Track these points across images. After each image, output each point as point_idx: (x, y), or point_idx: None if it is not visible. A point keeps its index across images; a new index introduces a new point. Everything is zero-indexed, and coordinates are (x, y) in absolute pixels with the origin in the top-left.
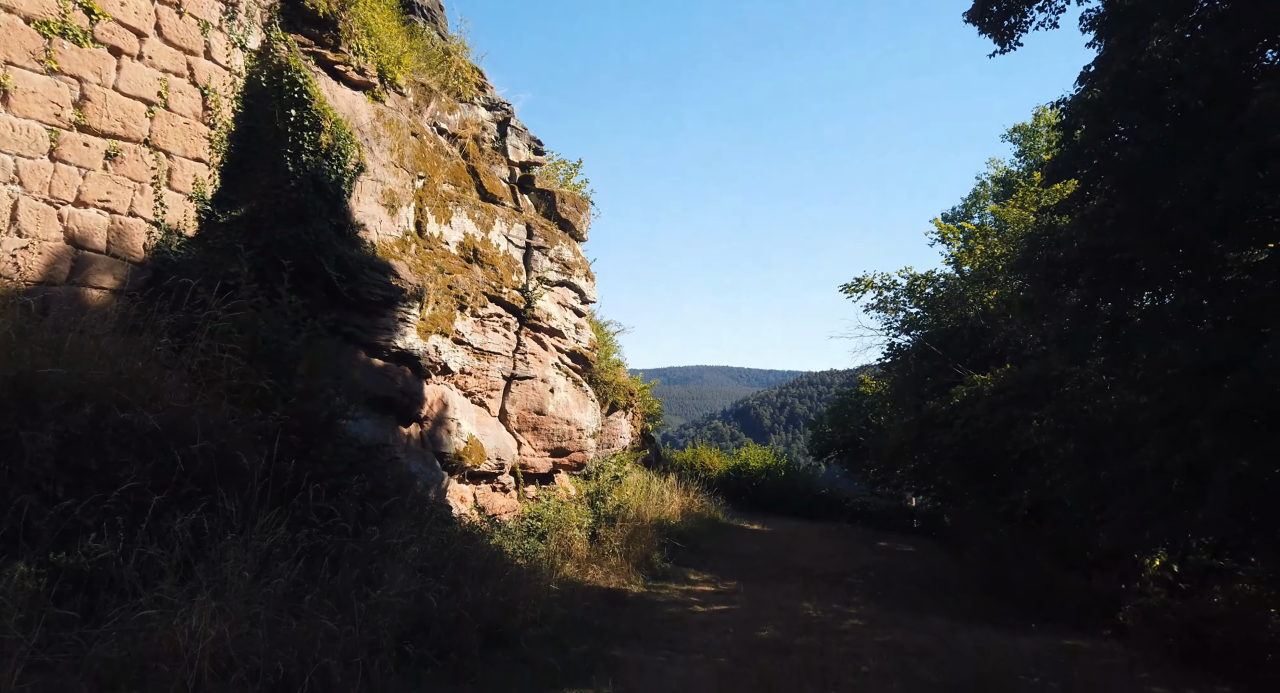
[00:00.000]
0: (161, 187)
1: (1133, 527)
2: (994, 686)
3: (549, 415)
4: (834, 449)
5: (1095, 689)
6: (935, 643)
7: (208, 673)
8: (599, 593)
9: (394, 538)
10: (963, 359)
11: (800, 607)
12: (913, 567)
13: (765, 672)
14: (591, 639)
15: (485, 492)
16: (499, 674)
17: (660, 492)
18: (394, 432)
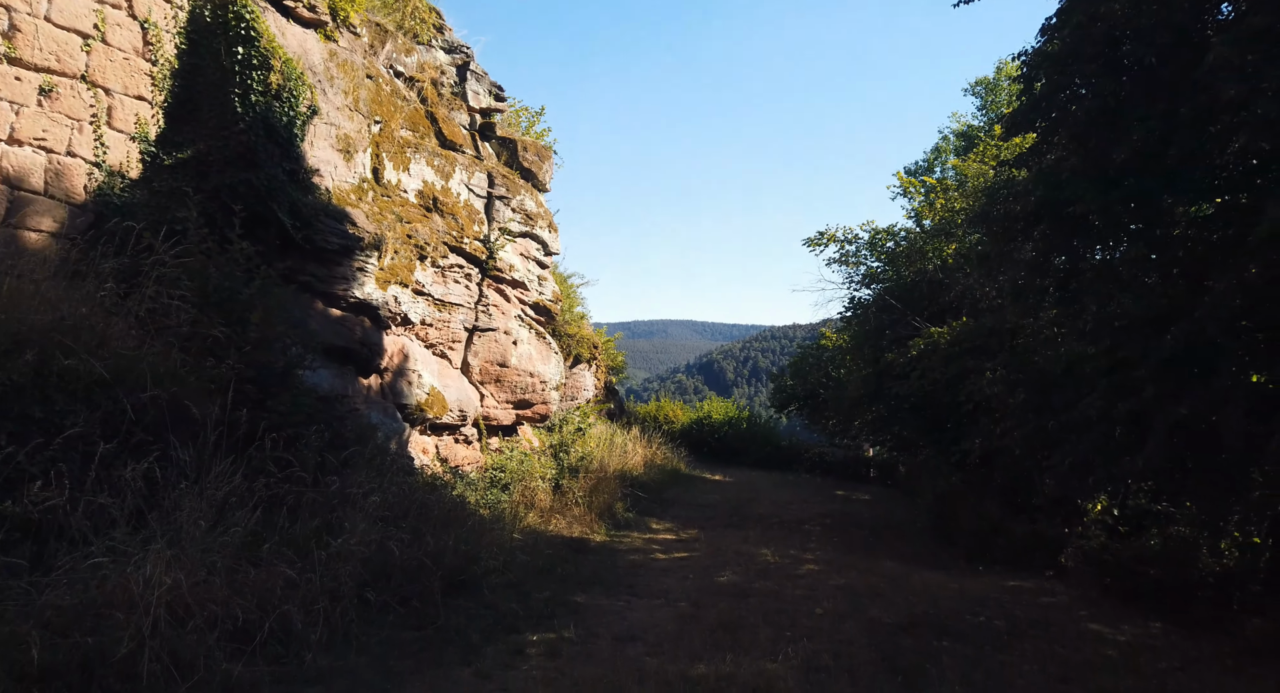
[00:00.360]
0: (101, 125)
1: (1076, 473)
2: (941, 624)
3: (512, 368)
4: (795, 401)
5: (1037, 626)
6: (886, 585)
7: (164, 620)
8: (562, 542)
9: (354, 488)
10: (921, 312)
11: (758, 553)
12: (867, 514)
13: (724, 614)
14: (554, 586)
15: (448, 443)
16: (461, 620)
17: (624, 444)
18: (353, 383)
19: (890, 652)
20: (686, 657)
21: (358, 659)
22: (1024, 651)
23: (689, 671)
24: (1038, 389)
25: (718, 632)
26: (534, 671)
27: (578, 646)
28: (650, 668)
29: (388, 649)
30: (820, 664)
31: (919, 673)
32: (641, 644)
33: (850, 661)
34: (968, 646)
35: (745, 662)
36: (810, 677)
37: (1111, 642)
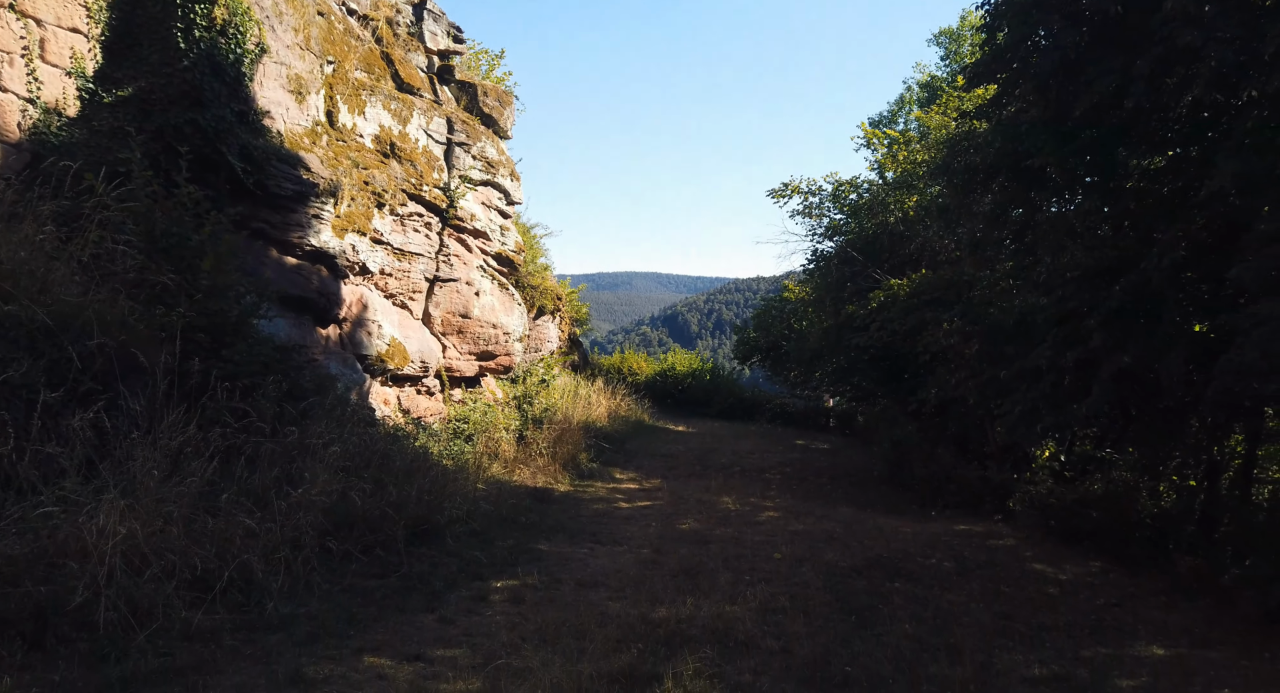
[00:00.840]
0: (34, 59)
1: (1026, 420)
2: (893, 566)
3: (474, 319)
4: (757, 353)
5: (984, 567)
6: (842, 530)
7: (120, 570)
8: (526, 492)
9: (314, 438)
10: (882, 264)
11: (720, 501)
12: (826, 462)
13: (685, 560)
14: (517, 534)
15: (410, 395)
16: (425, 567)
17: (588, 395)
18: (311, 333)
19: (844, 593)
20: (648, 601)
21: (320, 606)
22: (971, 590)
23: (650, 613)
24: (991, 340)
25: (679, 577)
26: (497, 616)
27: (541, 591)
28: (612, 612)
29: (350, 597)
30: (777, 606)
31: (871, 612)
32: (604, 589)
33: (806, 602)
34: (918, 586)
35: (705, 605)
36: (767, 618)
37: (1053, 580)
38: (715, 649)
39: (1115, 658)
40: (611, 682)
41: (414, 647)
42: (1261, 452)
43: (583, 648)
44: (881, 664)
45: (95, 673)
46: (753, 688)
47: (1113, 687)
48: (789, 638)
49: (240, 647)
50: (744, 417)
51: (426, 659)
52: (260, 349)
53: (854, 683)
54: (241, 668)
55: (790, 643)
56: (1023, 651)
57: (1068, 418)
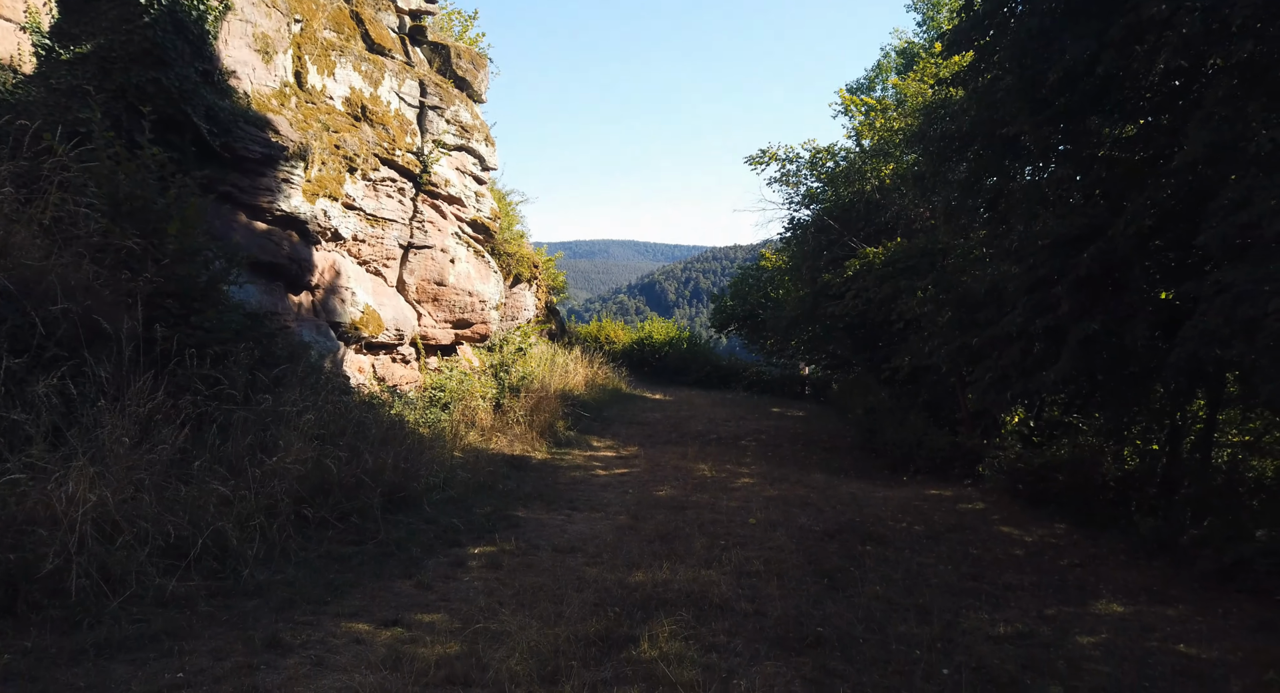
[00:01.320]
0: None
1: (996, 386)
2: (865, 530)
3: (450, 287)
4: (734, 322)
5: (953, 530)
6: (816, 496)
7: (91, 537)
8: (503, 459)
9: (287, 406)
10: (858, 233)
11: (696, 468)
12: (800, 429)
13: (661, 526)
14: (495, 501)
15: (385, 363)
16: (402, 534)
17: (565, 364)
18: (283, 300)
19: (817, 556)
20: (625, 566)
21: (296, 573)
22: (940, 552)
23: (627, 578)
24: (963, 307)
25: (655, 542)
26: (475, 581)
27: (518, 557)
28: (589, 577)
29: (327, 563)
30: (751, 570)
31: (843, 575)
32: (581, 555)
33: (780, 566)
34: (889, 549)
35: (681, 569)
36: (742, 581)
37: (1020, 542)
38: (691, 612)
39: (1077, 616)
40: (588, 644)
41: (391, 612)
42: (1222, 416)
43: (560, 612)
44: (852, 624)
45: (68, 639)
46: (726, 649)
47: (1073, 643)
48: (763, 600)
49: (216, 613)
50: (721, 385)
51: (404, 624)
52: (231, 316)
53: (825, 643)
54: (217, 633)
55: (764, 605)
56: (988, 610)
57: (1036, 384)
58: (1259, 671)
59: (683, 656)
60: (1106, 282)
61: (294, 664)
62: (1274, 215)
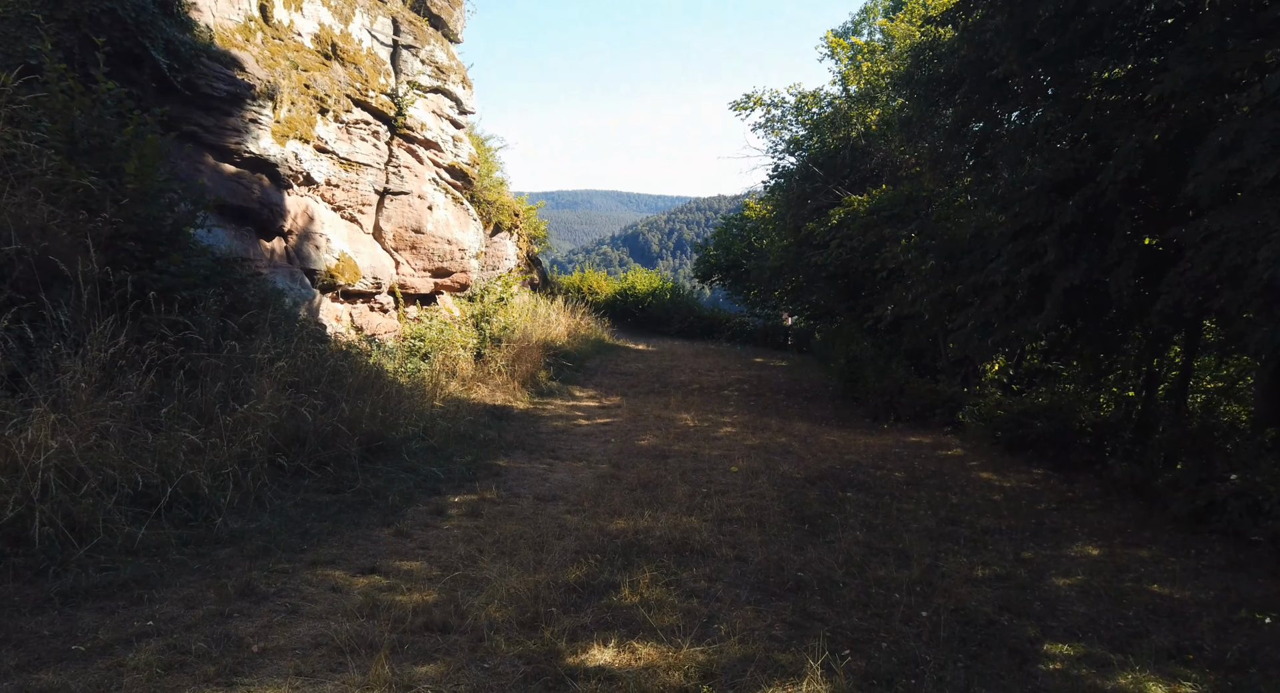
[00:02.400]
0: None
1: (979, 334)
2: (845, 477)
3: (428, 234)
4: (718, 272)
5: (932, 477)
6: (798, 444)
7: (55, 485)
8: (484, 409)
9: (260, 353)
10: (843, 181)
11: (678, 418)
12: (783, 379)
13: (643, 475)
14: (476, 451)
15: (362, 312)
16: (380, 483)
17: (547, 314)
18: (255, 246)
19: (798, 503)
20: (606, 513)
21: (271, 522)
22: (919, 498)
23: (608, 526)
24: (948, 255)
25: (637, 491)
26: (454, 529)
27: (499, 505)
28: (570, 524)
29: (303, 512)
30: (733, 517)
31: (823, 520)
32: (563, 503)
33: (761, 513)
34: (869, 495)
35: (663, 517)
36: (723, 528)
37: (998, 488)
38: (672, 559)
39: (1053, 558)
40: (569, 591)
41: (369, 560)
42: (1197, 363)
43: (540, 560)
44: (833, 569)
45: (33, 587)
46: (707, 594)
47: (1049, 584)
48: (744, 546)
49: (188, 561)
50: (704, 336)
51: (382, 572)
52: (199, 261)
53: (806, 587)
54: (189, 582)
55: (745, 551)
56: (967, 554)
57: (1019, 332)
58: (1229, 609)
59: (663, 601)
60: (1091, 229)
61: (268, 612)
62: (1264, 161)
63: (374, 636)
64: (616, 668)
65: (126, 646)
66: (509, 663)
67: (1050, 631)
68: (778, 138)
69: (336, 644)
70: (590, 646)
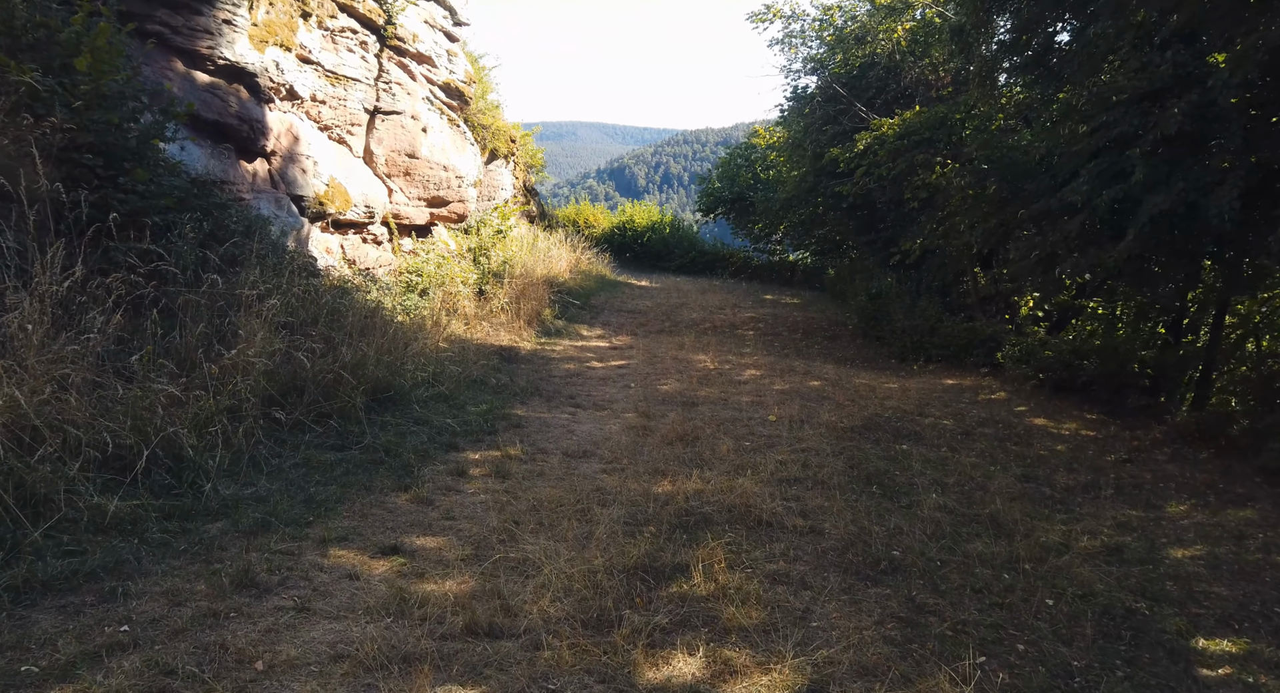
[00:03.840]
0: None
1: (1043, 265)
2: (893, 426)
3: (422, 159)
4: (722, 205)
5: (984, 424)
6: (831, 388)
7: (2, 447)
8: (490, 350)
9: (247, 289)
10: (869, 103)
11: (696, 360)
12: (798, 317)
13: (677, 426)
14: (489, 397)
15: (355, 244)
16: (390, 437)
17: (547, 249)
18: (234, 166)
19: (856, 459)
20: (648, 473)
21: (270, 487)
22: (979, 450)
23: (653, 488)
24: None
25: (675, 445)
26: (481, 494)
27: (525, 463)
28: (610, 487)
29: (306, 474)
30: (789, 476)
31: (890, 480)
32: (596, 460)
33: (819, 471)
34: (924, 446)
35: (712, 477)
36: (784, 490)
37: (1057, 436)
38: (737, 532)
39: (1154, 522)
40: (631, 576)
41: (388, 535)
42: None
43: (589, 533)
44: (924, 543)
45: None
46: (791, 578)
47: (1169, 558)
48: (814, 514)
49: (171, 540)
50: (705, 272)
51: (405, 551)
52: (172, 180)
53: (901, 569)
54: (173, 568)
55: (817, 520)
56: (1061, 519)
57: (1091, 262)
58: None
59: (745, 591)
60: (1187, 143)
61: (272, 611)
62: None
63: (407, 644)
64: (711, 688)
65: (94, 663)
66: (577, 681)
67: (1199, 622)
68: (795, 55)
69: (361, 658)
70: (673, 655)
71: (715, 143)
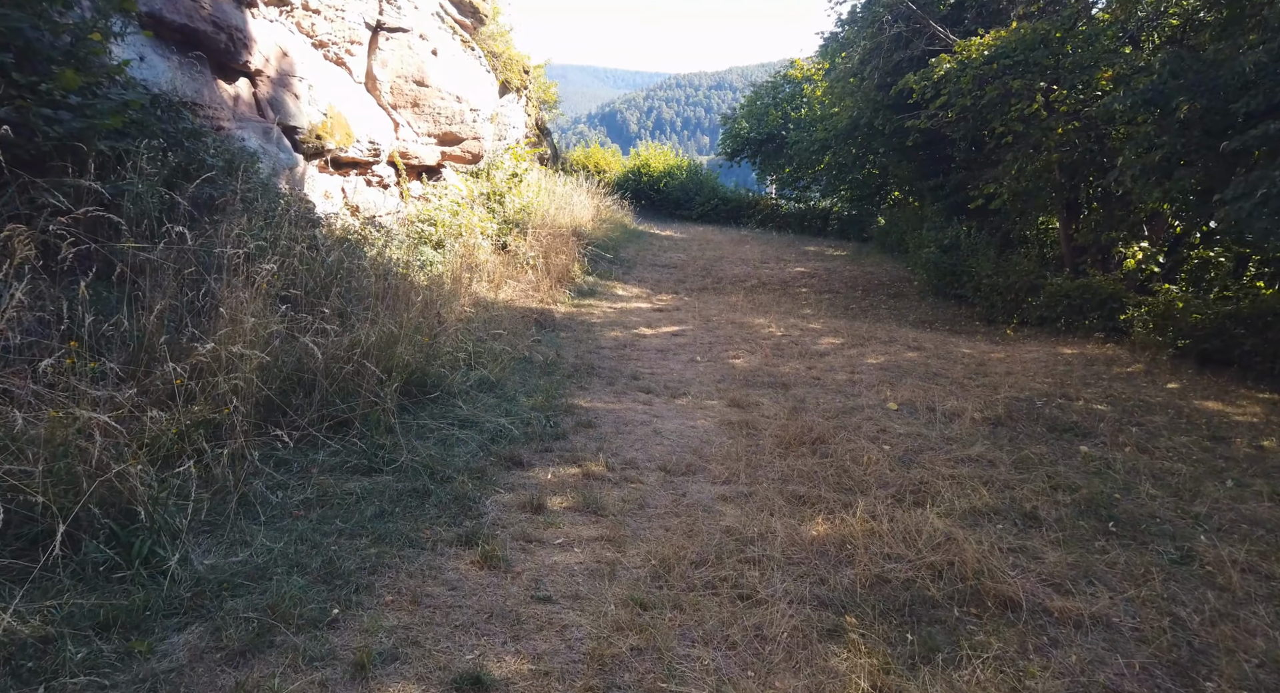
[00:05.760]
0: None
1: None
2: (1044, 415)
3: (433, 88)
4: (749, 147)
5: (1141, 408)
6: (936, 362)
7: None
8: (521, 316)
9: (230, 247)
10: (947, 22)
11: (756, 324)
12: (851, 272)
13: (783, 421)
14: (539, 381)
15: (358, 186)
16: (432, 449)
17: (567, 194)
18: (210, 86)
19: (1046, 472)
20: (784, 501)
21: (272, 545)
22: (1178, 452)
23: (806, 529)
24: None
25: (797, 450)
26: (574, 547)
27: (616, 486)
28: (747, 529)
29: (324, 518)
30: (984, 507)
31: (1122, 512)
32: (705, 478)
33: (1015, 496)
34: (1107, 448)
35: (880, 512)
36: (996, 535)
37: (1245, 426)
38: (981, 625)
39: None
40: None
41: (459, 646)
42: None
43: (759, 631)
44: (1213, 618)
45: None
46: None
47: None
48: (1071, 584)
49: (102, 676)
50: (729, 221)
51: (490, 685)
52: (124, 95)
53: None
54: None
55: (1084, 597)
56: None
57: None
58: None
59: None
60: None
61: None
62: None
63: None
64: None
65: None
66: None
67: None
68: None
69: None
70: None
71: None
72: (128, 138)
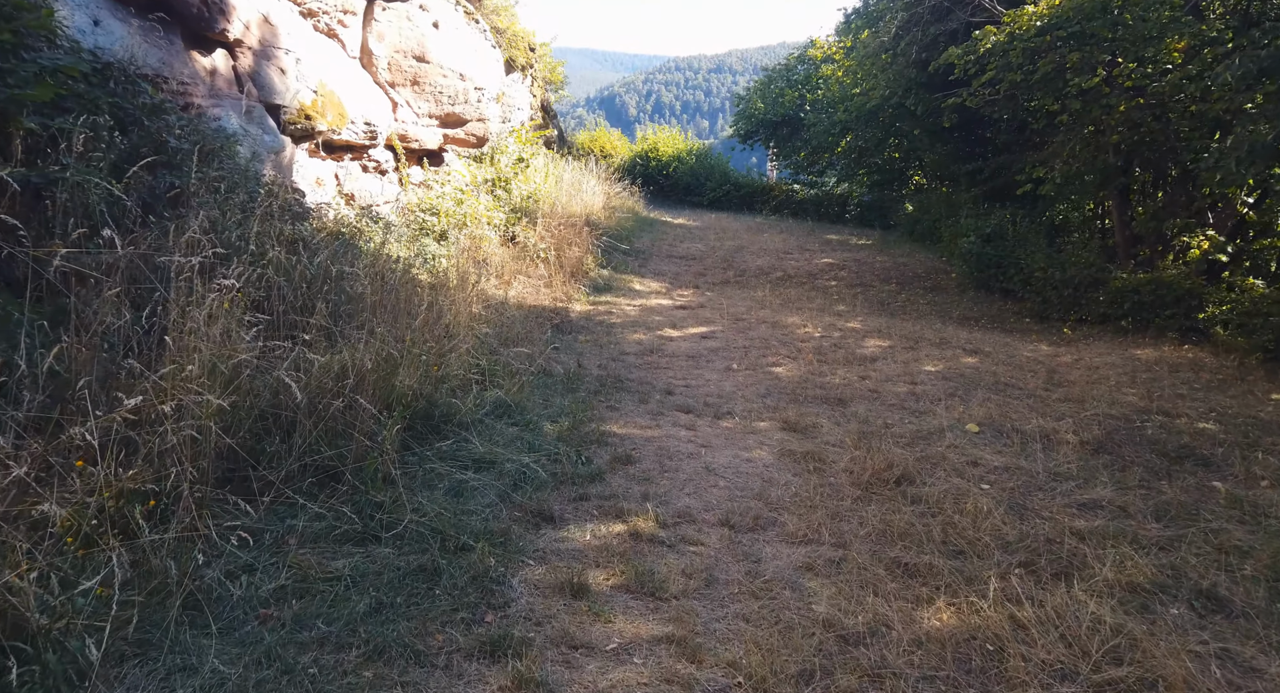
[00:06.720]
0: None
1: None
2: (1149, 438)
3: (434, 64)
4: (764, 130)
5: (1253, 425)
6: (1000, 368)
7: None
8: (535, 317)
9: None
10: None
11: (789, 323)
12: (883, 263)
13: (858, 452)
14: (563, 401)
15: (353, 172)
16: (441, 503)
17: (576, 181)
18: (180, 57)
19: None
20: (883, 569)
21: (228, 672)
22: None
23: (927, 618)
24: None
25: (881, 493)
26: (635, 657)
27: (674, 553)
28: (847, 622)
29: (299, 620)
30: (1145, 582)
31: None
32: (777, 535)
33: (1168, 558)
34: (1228, 479)
35: (1014, 585)
36: (1151, 616)
37: None
38: None
39: None
40: None
41: None
42: None
43: None
44: None
45: None
46: None
47: None
48: None
49: None
50: (742, 207)
51: None
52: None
53: None
54: None
55: None
56: None
57: None
58: None
59: None
60: None
61: None
62: None
63: None
64: None
65: None
66: None
67: None
68: None
69: None
70: None
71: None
72: (66, 113)
